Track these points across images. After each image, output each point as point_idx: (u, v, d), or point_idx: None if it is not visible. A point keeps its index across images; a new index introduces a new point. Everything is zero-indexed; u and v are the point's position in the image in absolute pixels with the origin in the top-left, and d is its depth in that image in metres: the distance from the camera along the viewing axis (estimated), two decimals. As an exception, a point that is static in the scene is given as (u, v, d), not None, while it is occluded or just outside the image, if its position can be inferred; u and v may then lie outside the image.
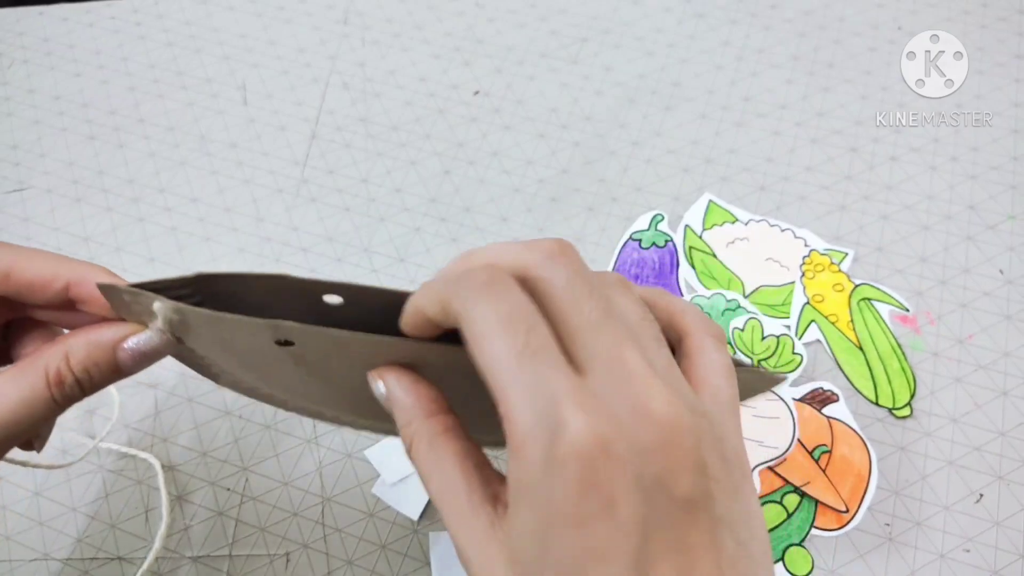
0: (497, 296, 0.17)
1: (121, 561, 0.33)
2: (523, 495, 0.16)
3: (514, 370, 0.16)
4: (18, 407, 0.19)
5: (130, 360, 0.21)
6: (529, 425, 0.16)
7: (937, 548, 0.31)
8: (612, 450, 0.15)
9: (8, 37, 0.53)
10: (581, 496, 0.15)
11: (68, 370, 0.20)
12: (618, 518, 0.16)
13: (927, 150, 0.42)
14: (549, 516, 0.16)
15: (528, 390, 0.16)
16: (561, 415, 0.15)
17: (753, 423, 0.34)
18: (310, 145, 0.45)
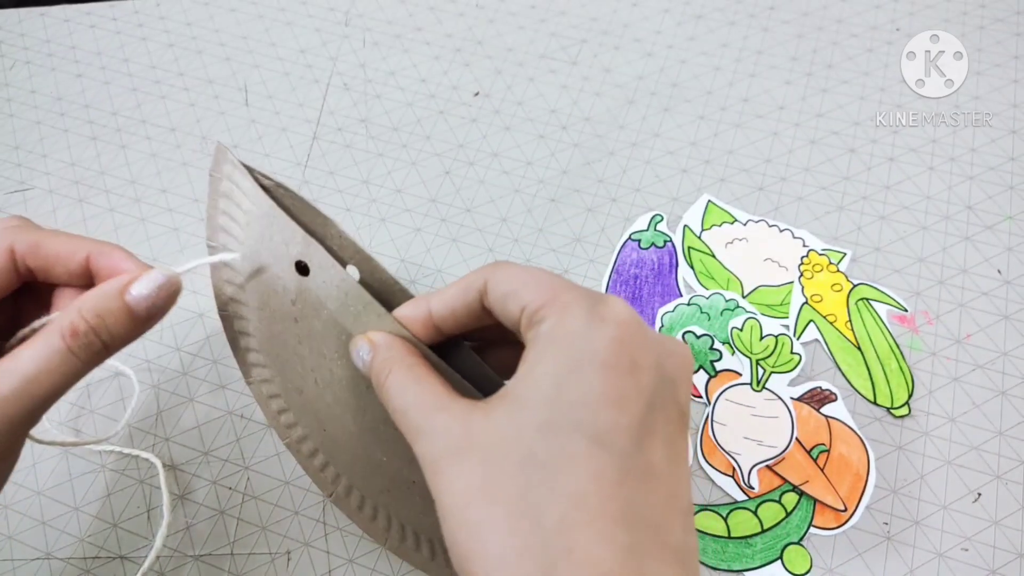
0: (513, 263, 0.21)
1: (123, 560, 0.33)
2: (558, 341, 0.18)
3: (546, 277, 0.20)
4: (38, 364, 0.20)
5: (140, 303, 0.21)
6: (575, 297, 0.19)
7: (935, 547, 0.31)
8: (644, 330, 0.19)
9: (10, 38, 0.53)
10: (616, 347, 0.18)
11: (80, 319, 0.20)
12: (638, 379, 0.18)
13: (925, 151, 0.42)
14: (580, 357, 0.18)
15: (571, 286, 0.19)
16: (603, 296, 0.19)
17: (751, 422, 0.34)
18: (311, 146, 0.45)
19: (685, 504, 0.18)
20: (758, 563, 0.31)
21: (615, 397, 0.17)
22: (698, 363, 0.36)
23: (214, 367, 0.37)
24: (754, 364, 0.35)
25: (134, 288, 0.21)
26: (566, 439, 0.17)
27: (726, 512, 0.33)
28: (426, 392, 0.19)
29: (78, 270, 0.22)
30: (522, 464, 0.17)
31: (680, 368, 0.19)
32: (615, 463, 0.17)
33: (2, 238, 0.22)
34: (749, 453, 0.33)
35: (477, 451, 0.18)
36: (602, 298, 0.19)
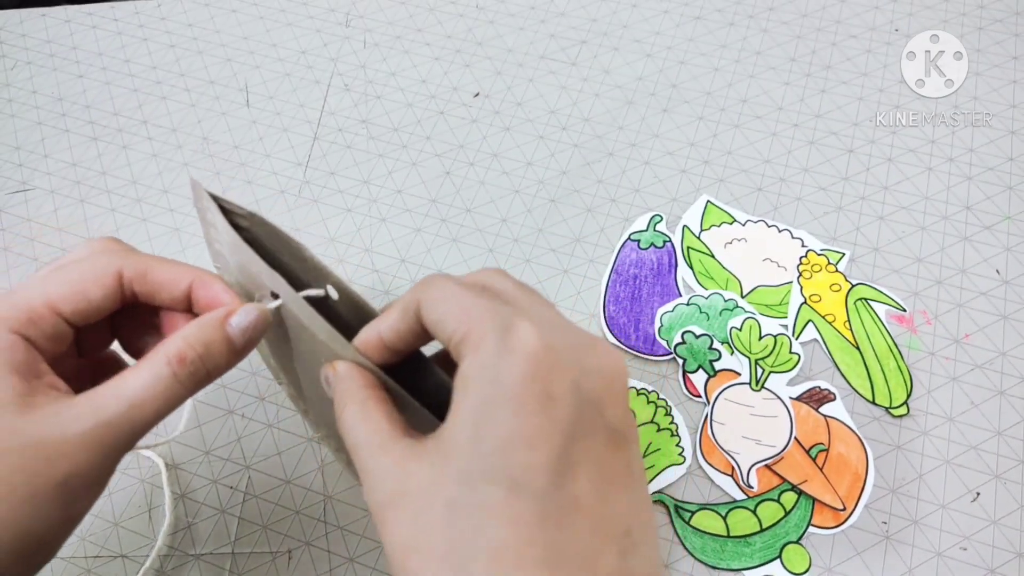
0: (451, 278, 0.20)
1: (124, 559, 0.33)
2: (472, 382, 0.18)
3: (471, 301, 0.19)
4: (145, 389, 0.20)
5: (238, 334, 0.22)
6: (487, 329, 0.18)
7: (934, 546, 0.31)
8: (557, 355, 0.18)
9: (11, 38, 0.53)
10: (525, 383, 0.17)
11: (189, 347, 0.21)
12: (552, 413, 0.17)
13: (924, 151, 0.42)
14: (492, 398, 0.17)
15: (486, 310, 0.19)
16: (515, 323, 0.18)
17: (750, 422, 0.34)
18: (312, 146, 0.46)
19: (620, 527, 0.18)
20: (757, 562, 0.31)
21: (528, 437, 0.17)
22: (697, 363, 0.36)
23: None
24: (753, 364, 0.35)
25: (233, 320, 0.22)
26: (484, 488, 0.17)
27: (725, 511, 0.33)
28: (372, 431, 0.19)
29: (181, 296, 0.23)
30: (447, 516, 0.17)
31: (604, 387, 0.19)
32: (533, 506, 0.17)
33: (110, 262, 0.22)
34: (748, 452, 0.33)
35: (410, 502, 0.18)
36: (513, 326, 0.18)
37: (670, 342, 0.36)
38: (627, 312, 0.38)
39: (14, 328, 0.21)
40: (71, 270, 0.22)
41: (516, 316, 0.18)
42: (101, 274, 0.22)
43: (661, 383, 0.36)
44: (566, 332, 0.19)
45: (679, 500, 0.33)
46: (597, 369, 0.19)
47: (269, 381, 0.37)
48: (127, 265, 0.23)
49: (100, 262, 0.22)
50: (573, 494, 0.17)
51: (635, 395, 0.35)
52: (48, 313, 0.21)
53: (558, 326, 0.19)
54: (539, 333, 0.18)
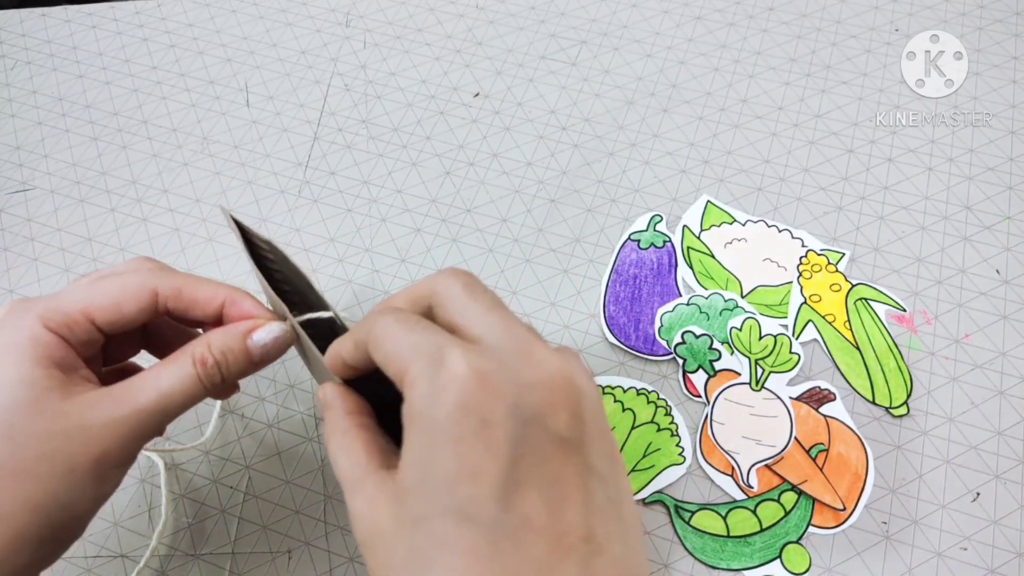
0: (391, 312, 0.20)
1: (124, 559, 0.33)
2: (413, 424, 0.18)
3: (405, 337, 0.19)
4: (173, 383, 0.23)
5: (257, 348, 0.24)
6: (419, 367, 0.18)
7: (934, 546, 0.31)
8: (489, 380, 0.18)
9: (11, 38, 0.53)
10: (458, 416, 0.17)
11: (209, 352, 0.24)
12: (491, 440, 0.17)
13: (924, 151, 0.42)
14: (432, 436, 0.18)
15: (418, 344, 0.19)
16: (444, 354, 0.18)
17: (750, 421, 0.34)
18: (312, 146, 0.46)
19: (578, 535, 0.18)
20: (757, 562, 0.31)
21: (469, 468, 0.17)
22: (697, 363, 0.36)
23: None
24: (753, 364, 0.35)
25: (255, 335, 0.24)
26: (436, 524, 0.17)
27: (725, 511, 0.33)
28: (351, 466, 0.20)
29: (214, 314, 0.25)
30: (407, 557, 0.17)
31: (545, 398, 0.18)
32: (483, 535, 0.17)
33: (147, 280, 0.24)
34: (748, 452, 0.33)
35: (380, 544, 0.18)
36: (443, 358, 0.18)
37: (670, 342, 0.36)
38: (627, 312, 0.38)
39: (52, 328, 0.23)
40: (110, 283, 0.24)
41: (446, 347, 0.18)
42: (137, 290, 0.24)
43: (661, 383, 0.36)
44: (502, 345, 0.19)
45: (679, 500, 0.33)
46: (535, 381, 0.18)
47: (269, 382, 0.37)
48: (163, 284, 0.24)
49: (137, 279, 0.24)
50: (524, 514, 0.17)
51: (635, 395, 0.35)
52: (83, 319, 0.23)
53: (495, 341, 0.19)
54: (468, 361, 0.18)
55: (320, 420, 0.36)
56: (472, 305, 0.20)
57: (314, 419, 0.36)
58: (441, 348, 0.18)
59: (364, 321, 0.21)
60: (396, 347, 0.19)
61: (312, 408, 0.36)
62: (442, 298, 0.21)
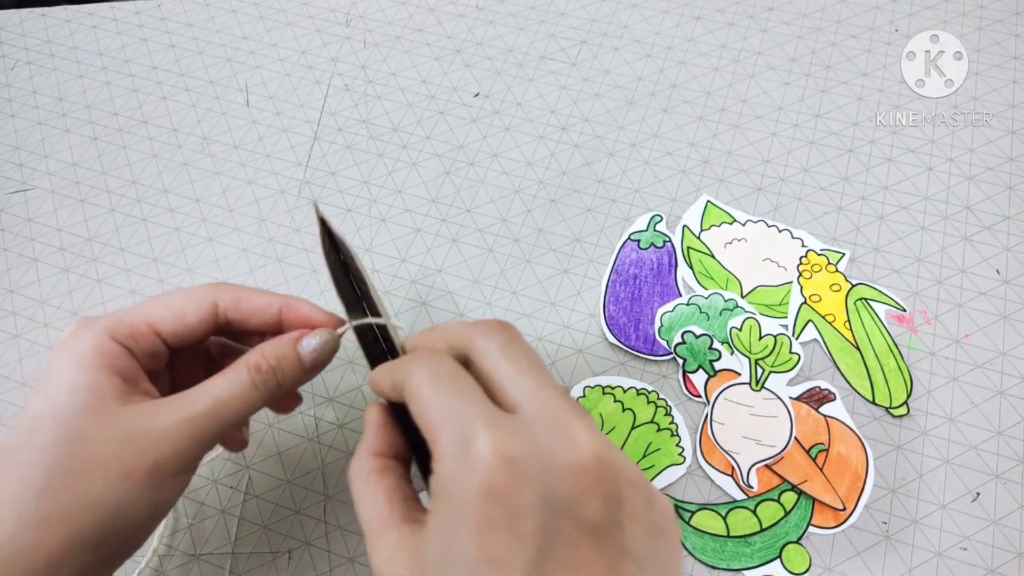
0: (430, 362, 0.20)
1: (124, 559, 0.33)
2: (439, 500, 0.18)
3: (440, 402, 0.19)
4: (228, 390, 0.23)
5: (308, 354, 0.25)
6: (449, 440, 0.18)
7: (934, 546, 0.31)
8: (519, 466, 0.17)
9: (11, 38, 0.53)
10: (484, 501, 0.17)
11: (263, 359, 0.24)
12: (517, 529, 0.17)
13: (924, 151, 0.42)
14: (457, 518, 0.17)
15: (451, 414, 0.18)
16: (474, 432, 0.18)
17: (750, 421, 0.34)
18: (312, 146, 0.46)
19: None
20: (757, 562, 0.31)
21: (492, 557, 0.16)
22: (697, 363, 0.36)
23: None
24: (753, 364, 0.35)
25: (305, 341, 0.25)
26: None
27: (725, 511, 0.33)
28: (372, 515, 0.20)
29: (272, 322, 0.26)
30: None
31: (579, 485, 0.17)
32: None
33: (208, 292, 0.25)
34: (748, 452, 0.33)
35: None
36: (472, 437, 0.17)
37: (670, 342, 0.36)
38: (627, 312, 0.38)
39: (118, 339, 0.24)
40: (173, 296, 0.25)
41: (477, 423, 0.18)
42: (199, 302, 0.25)
43: (661, 383, 0.36)
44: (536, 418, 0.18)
45: (679, 500, 0.33)
46: (569, 466, 0.18)
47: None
48: (222, 295, 0.25)
49: (198, 292, 0.25)
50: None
51: (635, 395, 0.35)
52: (148, 331, 0.24)
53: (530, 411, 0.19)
54: (497, 445, 0.17)
55: (320, 420, 0.36)
56: (509, 367, 0.20)
57: (314, 419, 0.36)
58: (472, 424, 0.18)
59: (404, 363, 0.21)
60: (427, 410, 0.19)
61: (312, 408, 0.36)
62: (479, 354, 0.21)
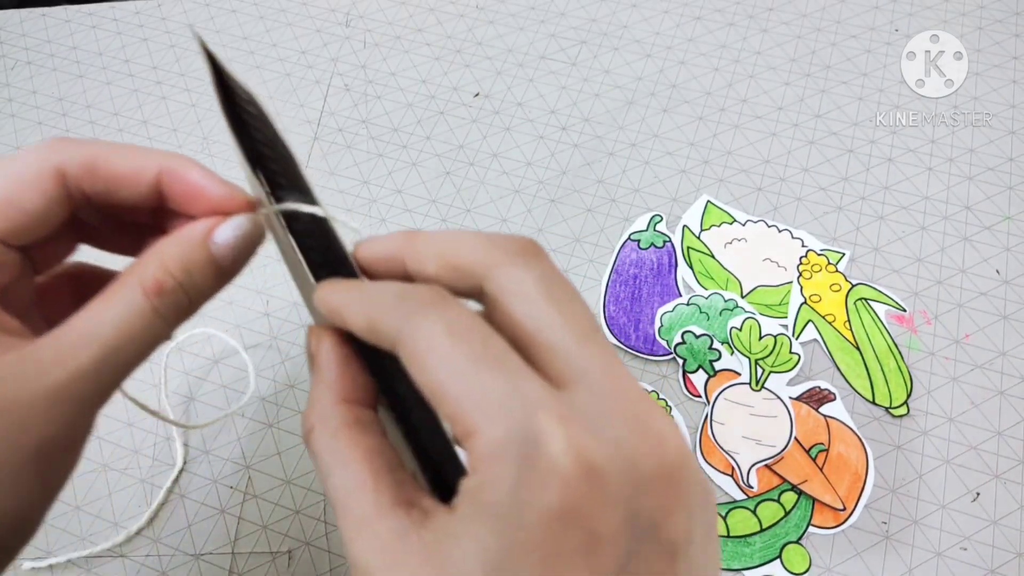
0: (443, 311, 0.14)
1: (124, 559, 0.33)
2: (482, 514, 0.13)
3: (473, 376, 0.13)
4: (121, 327, 0.16)
5: (227, 251, 0.17)
6: (500, 437, 0.13)
7: (934, 546, 0.31)
8: (603, 477, 0.13)
9: (11, 38, 0.53)
10: (559, 528, 0.13)
11: (167, 274, 0.17)
12: (597, 560, 0.13)
13: (924, 151, 0.42)
14: (512, 544, 0.13)
15: (495, 397, 0.13)
16: (539, 428, 0.13)
17: (750, 421, 0.34)
18: (312, 146, 0.46)
19: None
20: (757, 562, 0.31)
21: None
22: (697, 363, 0.36)
23: (215, 366, 0.38)
24: (753, 364, 0.35)
25: (219, 235, 0.17)
26: None
27: (725, 511, 0.33)
28: (348, 490, 0.15)
29: (147, 192, 0.18)
30: None
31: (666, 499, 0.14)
32: None
33: (45, 159, 0.17)
34: (748, 452, 0.33)
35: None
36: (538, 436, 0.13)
37: (670, 342, 0.36)
38: (627, 312, 0.38)
39: None
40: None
41: (541, 416, 0.13)
42: (34, 176, 0.17)
43: (661, 383, 0.36)
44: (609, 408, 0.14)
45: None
46: (655, 474, 0.13)
47: (269, 382, 0.37)
48: (68, 159, 0.17)
49: (30, 161, 0.17)
50: None
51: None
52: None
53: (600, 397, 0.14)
54: (575, 449, 0.13)
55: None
56: (557, 318, 0.14)
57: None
58: (533, 415, 0.13)
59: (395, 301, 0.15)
60: (455, 388, 0.13)
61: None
62: (505, 292, 0.15)
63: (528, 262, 0.15)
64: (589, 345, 0.14)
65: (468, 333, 0.14)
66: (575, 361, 0.14)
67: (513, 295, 0.15)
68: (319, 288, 0.17)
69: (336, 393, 0.16)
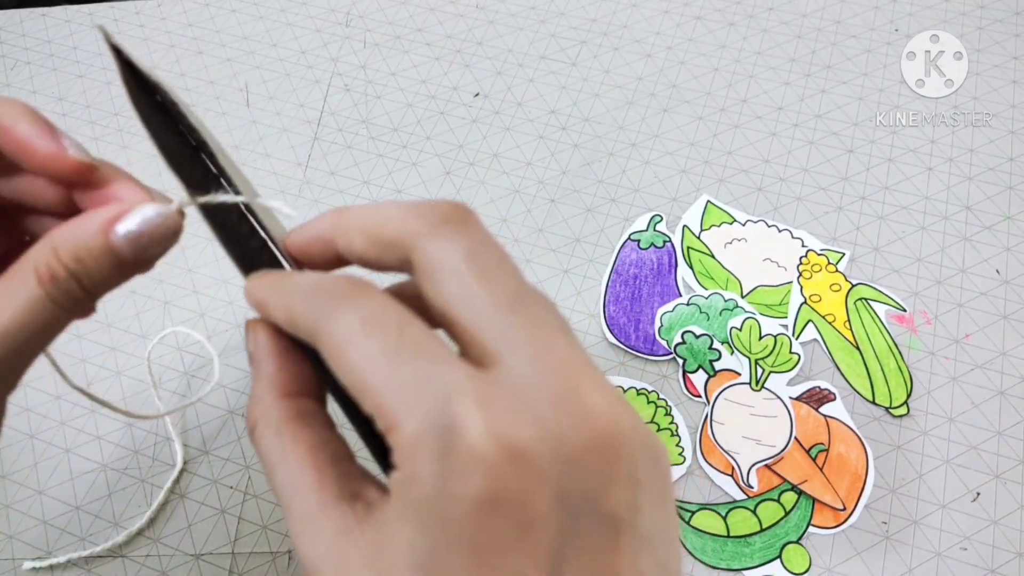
0: (357, 303, 0.14)
1: (124, 559, 0.33)
2: (410, 510, 0.13)
3: (389, 369, 0.13)
4: (15, 316, 0.16)
5: (126, 244, 0.16)
6: (418, 429, 0.12)
7: (934, 546, 0.31)
8: (528, 458, 0.12)
9: (11, 38, 0.53)
10: (487, 517, 0.12)
11: (58, 262, 0.16)
12: (530, 545, 0.12)
13: (924, 151, 0.42)
14: (440, 538, 0.12)
15: (411, 388, 0.13)
16: (456, 415, 0.12)
17: (750, 421, 0.34)
18: (312, 146, 0.46)
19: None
20: (757, 562, 0.31)
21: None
22: (697, 363, 0.36)
23: (214, 366, 0.38)
24: (753, 364, 0.35)
25: (120, 227, 0.16)
26: None
27: (725, 511, 0.33)
28: (292, 486, 0.15)
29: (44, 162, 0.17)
30: None
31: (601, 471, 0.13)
32: None
33: None
34: (748, 452, 0.33)
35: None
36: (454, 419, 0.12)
37: (670, 342, 0.36)
38: (627, 312, 0.38)
39: None
40: None
41: (458, 400, 0.12)
42: None
43: (661, 383, 0.36)
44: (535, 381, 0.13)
45: (679, 500, 0.33)
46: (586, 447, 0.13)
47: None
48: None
49: None
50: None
51: (635, 395, 0.35)
52: None
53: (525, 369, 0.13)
54: (495, 431, 0.12)
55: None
56: (484, 292, 0.14)
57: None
58: (451, 400, 0.12)
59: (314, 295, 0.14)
60: (371, 381, 0.13)
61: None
62: (432, 264, 0.14)
63: (455, 230, 0.14)
64: (515, 315, 0.14)
65: (383, 324, 0.14)
66: (500, 335, 0.14)
67: (438, 269, 0.14)
68: (247, 281, 0.16)
69: (277, 387, 0.16)
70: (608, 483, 0.13)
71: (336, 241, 0.16)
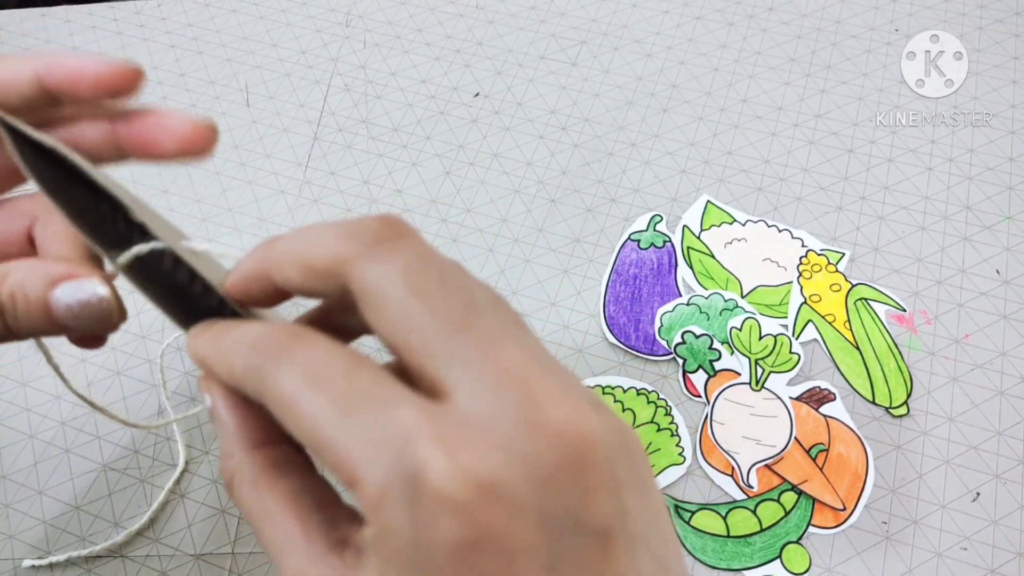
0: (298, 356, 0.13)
1: (124, 559, 0.33)
2: (390, 567, 0.12)
3: (340, 422, 0.12)
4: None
5: (63, 309, 0.16)
6: (379, 482, 0.12)
7: (934, 546, 0.31)
8: (499, 489, 0.12)
9: (11, 39, 0.53)
10: (469, 557, 0.12)
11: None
12: (519, 574, 0.12)
13: (924, 151, 0.42)
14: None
15: (366, 439, 0.12)
16: (417, 459, 0.12)
17: (750, 421, 0.34)
18: (312, 146, 0.46)
19: None
20: (757, 562, 0.31)
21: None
22: (697, 363, 0.36)
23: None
24: (753, 364, 0.35)
25: (59, 291, 0.16)
26: None
27: (725, 511, 0.33)
28: (279, 541, 0.14)
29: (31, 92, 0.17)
30: None
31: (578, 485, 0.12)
32: None
33: None
34: (748, 452, 0.33)
35: None
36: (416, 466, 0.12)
37: (670, 342, 0.36)
38: (627, 312, 0.38)
39: None
40: None
41: (418, 445, 0.12)
42: None
43: (661, 383, 0.36)
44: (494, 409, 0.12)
45: (679, 500, 0.33)
46: (559, 464, 0.12)
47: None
48: None
49: None
50: None
51: (635, 395, 0.35)
52: None
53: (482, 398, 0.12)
54: (460, 466, 0.12)
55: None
56: (430, 319, 0.13)
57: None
58: (409, 448, 0.12)
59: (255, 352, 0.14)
60: (327, 438, 0.12)
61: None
62: (371, 295, 0.13)
63: (389, 249, 0.14)
64: (462, 333, 0.13)
65: (328, 374, 0.13)
66: (450, 360, 0.13)
67: (375, 295, 0.13)
68: (188, 337, 0.16)
69: (245, 441, 0.15)
70: (587, 495, 0.13)
71: (272, 276, 0.15)
